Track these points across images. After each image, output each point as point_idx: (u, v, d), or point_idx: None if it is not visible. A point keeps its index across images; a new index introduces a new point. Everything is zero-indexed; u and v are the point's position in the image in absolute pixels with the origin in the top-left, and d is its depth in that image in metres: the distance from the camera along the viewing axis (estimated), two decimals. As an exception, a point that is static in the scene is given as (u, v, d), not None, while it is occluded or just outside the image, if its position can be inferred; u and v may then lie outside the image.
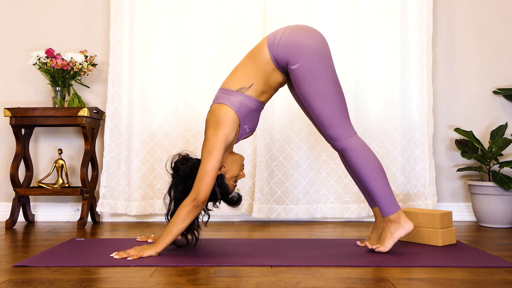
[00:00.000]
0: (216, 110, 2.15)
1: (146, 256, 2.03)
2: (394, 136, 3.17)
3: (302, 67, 2.10)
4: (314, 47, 2.12)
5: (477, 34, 3.33)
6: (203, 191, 2.04)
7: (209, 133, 2.12)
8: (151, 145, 3.19)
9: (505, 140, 3.04)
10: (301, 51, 2.10)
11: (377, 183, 2.13)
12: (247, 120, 2.18)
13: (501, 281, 1.72)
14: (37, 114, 3.01)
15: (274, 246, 2.33)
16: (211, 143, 2.08)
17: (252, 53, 2.21)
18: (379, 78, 3.19)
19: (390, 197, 2.14)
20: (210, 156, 2.06)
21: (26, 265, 1.94)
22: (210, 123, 2.14)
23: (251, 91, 2.16)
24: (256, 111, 2.20)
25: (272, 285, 1.66)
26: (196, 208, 2.06)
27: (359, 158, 2.13)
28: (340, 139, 2.14)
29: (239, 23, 3.22)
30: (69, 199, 3.31)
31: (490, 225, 3.02)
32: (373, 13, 3.19)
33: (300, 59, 2.10)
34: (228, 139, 2.10)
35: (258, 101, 2.18)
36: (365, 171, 2.13)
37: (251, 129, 2.23)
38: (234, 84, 2.17)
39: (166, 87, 3.22)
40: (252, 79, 2.16)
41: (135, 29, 3.20)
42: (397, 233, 2.13)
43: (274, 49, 2.14)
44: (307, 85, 2.11)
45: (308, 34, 2.15)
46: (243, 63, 2.23)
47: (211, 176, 2.05)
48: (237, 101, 2.13)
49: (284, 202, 3.14)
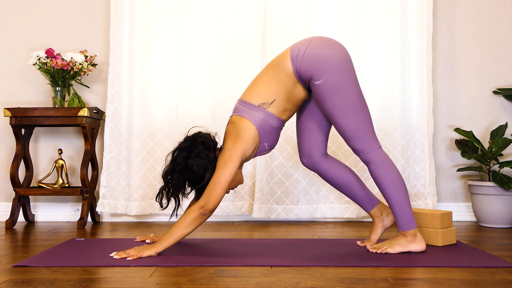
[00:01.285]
0: (238, 123, 2.12)
1: (146, 256, 2.03)
2: (394, 136, 3.17)
3: (326, 83, 2.06)
4: (339, 62, 2.08)
5: (477, 34, 3.33)
6: (212, 201, 2.03)
7: (228, 144, 2.10)
8: (151, 145, 3.19)
9: (505, 140, 3.04)
10: (325, 65, 2.06)
11: (398, 197, 2.13)
12: (268, 138, 2.15)
13: (501, 281, 1.72)
14: (37, 114, 3.01)
15: (274, 246, 2.33)
16: (229, 155, 2.06)
17: (274, 64, 2.17)
18: (379, 78, 3.19)
19: (409, 213, 2.14)
20: (225, 168, 2.04)
21: (26, 265, 1.94)
22: (230, 134, 2.12)
23: (273, 107, 2.12)
24: (277, 129, 2.17)
25: (272, 285, 1.66)
26: (203, 216, 2.04)
27: (382, 172, 2.13)
28: (365, 152, 2.14)
29: (239, 23, 3.22)
30: (69, 199, 3.31)
31: (490, 225, 3.02)
32: (373, 13, 3.19)
33: (324, 74, 2.06)
34: (245, 154, 2.10)
35: (279, 119, 2.15)
36: (387, 185, 2.13)
37: (270, 147, 2.21)
38: (255, 99, 2.14)
39: (166, 87, 3.22)
40: (274, 95, 2.13)
41: (135, 29, 3.20)
42: (410, 246, 2.13)
43: (298, 63, 2.09)
44: (331, 101, 2.08)
45: (333, 48, 2.11)
46: (264, 74, 2.18)
47: (223, 188, 2.04)
48: (259, 118, 2.10)
49: (284, 202, 3.14)
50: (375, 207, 2.31)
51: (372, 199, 2.31)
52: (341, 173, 2.30)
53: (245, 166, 3.18)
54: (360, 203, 2.33)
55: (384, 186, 2.14)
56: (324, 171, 2.30)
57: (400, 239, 2.15)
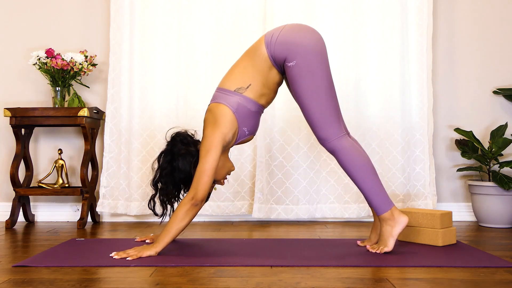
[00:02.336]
0: (214, 109, 2.15)
1: (146, 256, 2.03)
2: (394, 136, 3.17)
3: (299, 65, 2.10)
4: (312, 46, 2.12)
5: (477, 34, 3.33)
6: (201, 190, 2.05)
7: (207, 132, 2.13)
8: (151, 145, 3.19)
9: (505, 140, 3.04)
10: (298, 49, 2.10)
11: (368, 183, 2.13)
12: (246, 122, 2.17)
13: (501, 281, 1.72)
14: (37, 114, 3.01)
15: (274, 246, 2.33)
16: (209, 142, 2.09)
17: (250, 51, 2.22)
18: (379, 78, 3.19)
19: (382, 195, 2.14)
20: (208, 155, 2.06)
21: (26, 265, 1.94)
22: (208, 122, 2.15)
23: (250, 92, 2.15)
24: (255, 113, 2.19)
25: (272, 285, 1.66)
26: (195, 207, 2.06)
27: (348, 158, 2.13)
28: (329, 140, 2.14)
29: (239, 23, 3.22)
30: (69, 199, 3.31)
31: (490, 225, 3.02)
32: (373, 13, 3.19)
33: (297, 57, 2.10)
34: (225, 138, 2.10)
35: (257, 103, 2.18)
36: (355, 172, 2.13)
37: (251, 132, 2.22)
38: (231, 84, 2.17)
39: (166, 87, 3.22)
40: (250, 79, 2.16)
41: (135, 29, 3.20)
42: (394, 230, 2.14)
43: (272, 47, 2.14)
44: (302, 83, 2.11)
45: (306, 32, 2.15)
46: (240, 61, 2.23)
47: (209, 175, 2.05)
48: (235, 102, 2.13)
49: (284, 202, 3.14)
50: None
51: None
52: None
53: (245, 165, 3.18)
54: None
55: (352, 173, 2.14)
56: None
57: (385, 231, 2.15)
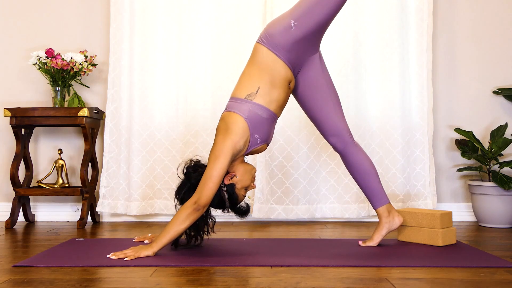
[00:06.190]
0: (226, 118, 2.16)
1: (143, 256, 2.03)
2: (394, 136, 3.17)
3: (298, 22, 2.17)
4: None
5: (477, 34, 3.33)
6: (205, 196, 2.04)
7: (217, 139, 2.13)
8: (151, 145, 3.19)
9: (505, 140, 3.04)
10: (289, 18, 2.18)
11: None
12: (258, 129, 2.16)
13: (501, 281, 1.73)
14: (37, 114, 3.01)
15: (274, 246, 2.33)
16: (219, 149, 2.08)
17: (250, 57, 2.27)
18: (379, 78, 3.19)
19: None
20: (216, 162, 2.06)
21: (26, 265, 1.94)
22: (220, 129, 2.15)
23: (259, 97, 2.16)
24: (267, 120, 2.18)
25: (272, 285, 1.66)
26: (196, 212, 2.05)
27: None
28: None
29: (239, 23, 3.22)
30: (69, 199, 3.31)
31: (490, 225, 3.02)
32: (373, 13, 3.19)
33: (293, 20, 2.17)
34: (236, 146, 2.10)
35: (267, 109, 2.17)
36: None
37: (263, 140, 2.20)
38: (241, 92, 2.19)
39: (166, 87, 3.22)
40: (258, 82, 2.18)
41: (135, 29, 3.20)
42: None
43: (267, 39, 2.20)
44: None
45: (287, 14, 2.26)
46: (245, 69, 2.26)
47: (215, 182, 2.05)
48: (246, 109, 2.14)
49: (284, 202, 3.14)
50: (384, 205, 2.32)
51: (383, 197, 2.33)
52: (365, 159, 2.33)
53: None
54: (372, 198, 2.34)
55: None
56: (351, 153, 2.32)
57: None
